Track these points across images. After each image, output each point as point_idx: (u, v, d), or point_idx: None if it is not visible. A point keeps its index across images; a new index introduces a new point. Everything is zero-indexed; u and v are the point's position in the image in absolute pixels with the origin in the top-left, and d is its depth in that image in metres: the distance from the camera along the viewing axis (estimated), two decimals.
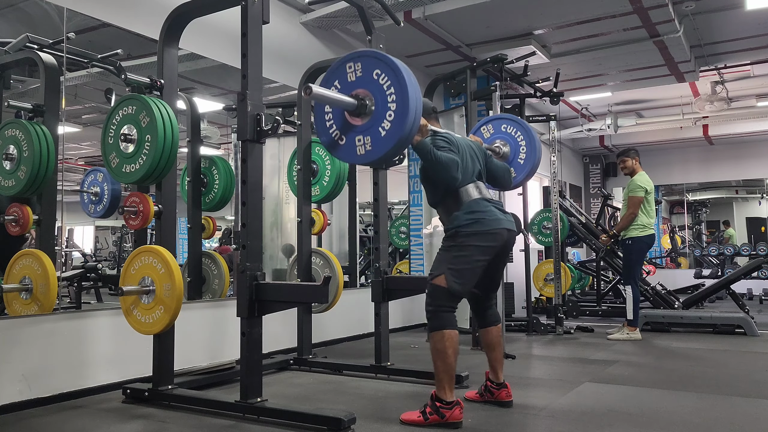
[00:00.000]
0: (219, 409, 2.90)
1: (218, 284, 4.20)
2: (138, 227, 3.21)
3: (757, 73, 8.27)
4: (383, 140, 2.46)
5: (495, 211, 2.86)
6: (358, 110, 2.50)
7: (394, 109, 2.43)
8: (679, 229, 13.29)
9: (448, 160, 2.74)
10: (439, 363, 2.69)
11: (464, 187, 2.87)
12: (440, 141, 2.85)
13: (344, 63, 2.58)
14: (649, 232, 5.40)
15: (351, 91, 2.53)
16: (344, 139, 2.57)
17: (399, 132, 2.42)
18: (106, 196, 4.02)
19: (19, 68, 3.73)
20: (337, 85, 2.58)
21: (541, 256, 7.62)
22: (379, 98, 2.47)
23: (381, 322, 3.77)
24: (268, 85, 5.09)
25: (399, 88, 2.42)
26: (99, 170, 4.05)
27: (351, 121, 2.55)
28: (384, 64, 2.47)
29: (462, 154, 2.88)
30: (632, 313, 5.34)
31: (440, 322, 2.72)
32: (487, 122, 3.78)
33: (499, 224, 2.84)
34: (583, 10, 5.72)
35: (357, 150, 2.53)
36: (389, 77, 2.45)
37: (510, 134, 3.65)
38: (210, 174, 4.21)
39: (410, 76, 2.45)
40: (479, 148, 3.15)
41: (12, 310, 3.29)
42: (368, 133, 2.50)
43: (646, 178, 5.52)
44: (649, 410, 2.93)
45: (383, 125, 2.45)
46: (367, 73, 2.51)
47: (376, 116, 2.47)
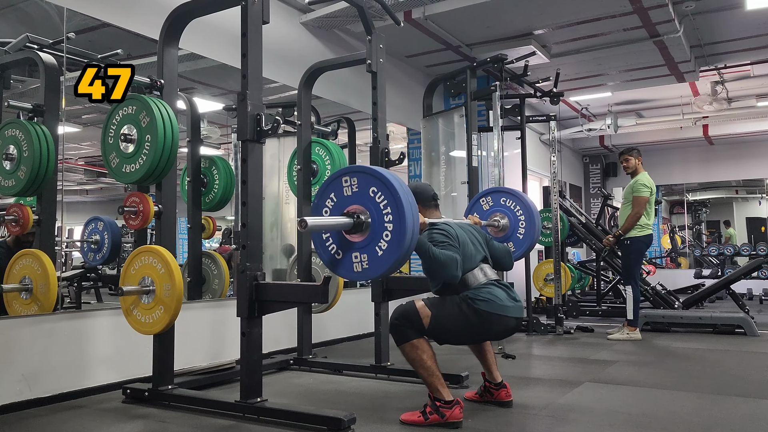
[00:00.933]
0: (219, 409, 2.90)
1: (218, 284, 4.20)
2: (138, 227, 3.21)
3: (757, 73, 8.27)
4: (380, 260, 2.41)
5: (505, 299, 2.78)
6: (355, 229, 2.46)
7: (390, 230, 2.37)
8: (679, 229, 13.29)
9: (447, 259, 2.66)
10: (421, 371, 2.69)
11: (470, 272, 2.81)
12: (437, 235, 2.77)
13: (340, 176, 2.53)
14: (648, 232, 5.40)
15: (346, 206, 2.49)
16: (341, 254, 2.54)
17: (396, 253, 2.37)
18: (106, 245, 4.03)
19: (19, 68, 3.73)
20: (333, 198, 2.54)
21: (541, 256, 7.62)
22: (376, 216, 2.42)
23: (381, 322, 3.77)
24: (268, 85, 5.09)
25: (395, 208, 2.36)
26: (100, 219, 4.07)
27: (349, 238, 2.50)
28: (380, 182, 2.41)
29: (463, 245, 2.82)
30: (632, 313, 5.34)
31: (405, 335, 2.70)
32: (485, 194, 3.84)
33: (507, 312, 2.76)
34: (583, 10, 5.72)
35: (354, 267, 2.50)
36: (385, 196, 2.39)
37: (509, 208, 3.69)
38: (210, 174, 4.21)
39: (407, 196, 2.39)
40: (480, 232, 3.08)
41: (12, 310, 3.29)
42: (365, 252, 2.46)
43: (650, 179, 5.51)
44: (649, 410, 2.93)
45: (380, 245, 2.41)
46: (363, 189, 2.46)
47: (373, 234, 2.43)
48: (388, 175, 2.43)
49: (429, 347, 2.72)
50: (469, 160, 5.45)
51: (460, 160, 5.91)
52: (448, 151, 6.13)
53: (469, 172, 5.45)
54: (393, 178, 2.42)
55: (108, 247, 4.02)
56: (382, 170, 2.46)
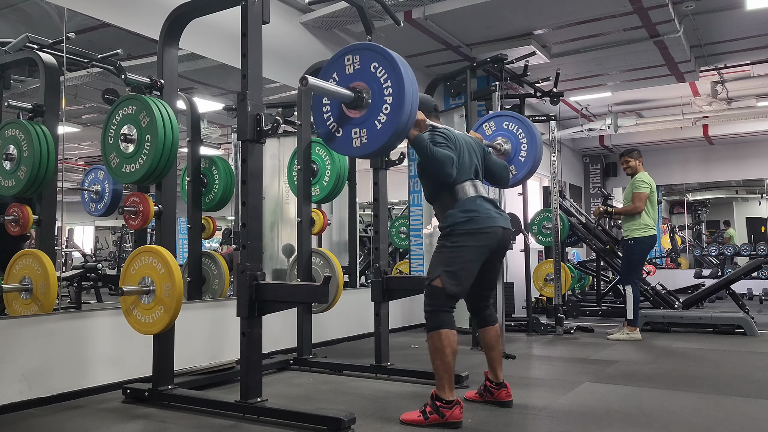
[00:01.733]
0: (219, 409, 2.90)
1: (218, 284, 4.20)
2: (138, 227, 3.21)
3: (757, 73, 8.27)
4: (379, 133, 2.46)
5: (490, 209, 2.86)
6: (355, 102, 2.50)
7: (390, 102, 2.43)
8: (679, 229, 13.29)
9: (444, 156, 2.74)
10: (438, 362, 2.69)
11: (461, 184, 2.87)
12: (438, 137, 2.85)
13: (342, 55, 2.59)
14: (651, 233, 5.40)
15: (349, 84, 2.54)
16: (341, 131, 2.58)
17: (394, 124, 2.42)
18: (107, 195, 4.03)
19: (19, 68, 3.73)
20: (335, 77, 2.59)
21: (541, 256, 7.63)
22: (376, 91, 2.47)
23: (381, 322, 3.77)
24: (268, 85, 5.09)
25: (396, 80, 2.42)
26: (100, 168, 4.06)
27: (348, 114, 2.55)
28: (381, 57, 2.47)
29: (459, 151, 2.88)
30: (632, 313, 5.34)
31: (438, 321, 2.72)
32: (489, 119, 3.77)
33: (493, 222, 2.83)
34: (583, 10, 5.72)
35: (353, 142, 2.54)
36: (386, 70, 2.45)
37: (512, 131, 3.65)
38: (210, 174, 4.21)
39: (407, 69, 2.45)
40: (478, 144, 3.14)
41: (12, 310, 3.29)
42: (364, 126, 2.50)
43: (650, 178, 5.52)
44: (649, 410, 2.93)
45: (379, 118, 2.46)
46: (364, 66, 2.51)
47: (373, 109, 2.48)
48: (390, 51, 2.48)
49: (456, 343, 2.72)
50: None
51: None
52: None
53: None
54: (395, 54, 2.46)
55: (109, 196, 4.01)
56: (384, 47, 2.51)
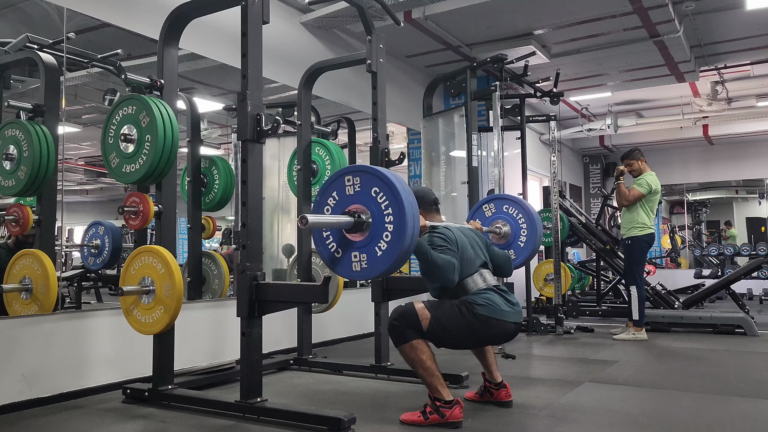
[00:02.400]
0: (219, 409, 2.90)
1: (218, 284, 4.20)
2: (138, 227, 3.21)
3: (757, 73, 8.27)
4: (379, 259, 2.42)
5: (504, 304, 2.78)
6: (355, 228, 2.47)
7: (391, 230, 2.38)
8: (679, 229, 13.29)
9: (445, 263, 2.68)
10: (420, 371, 2.69)
11: (469, 277, 2.81)
12: (437, 239, 2.78)
13: (343, 175, 2.54)
14: (649, 232, 5.39)
15: (348, 205, 2.49)
16: (341, 253, 2.54)
17: (395, 253, 2.38)
18: (107, 249, 4.04)
19: (19, 68, 3.73)
20: (335, 196, 2.54)
21: (541, 256, 7.62)
22: (377, 216, 2.42)
23: (381, 322, 3.77)
24: (268, 85, 5.09)
25: (397, 208, 2.37)
26: (101, 223, 4.07)
27: (349, 237, 2.50)
28: (382, 182, 2.42)
29: (461, 249, 2.83)
30: (637, 313, 5.32)
31: (404, 336, 2.69)
32: (488, 201, 3.85)
33: (506, 317, 2.76)
34: (583, 10, 5.72)
35: (353, 266, 2.50)
36: (387, 196, 2.40)
37: (511, 215, 3.71)
38: (210, 174, 4.21)
39: (408, 197, 2.40)
40: (480, 236, 3.08)
41: (12, 310, 3.29)
42: (364, 251, 2.46)
43: (655, 179, 5.44)
44: (649, 410, 2.93)
45: (379, 245, 2.42)
46: (365, 189, 2.47)
47: (373, 234, 2.43)
48: (390, 175, 2.44)
49: (428, 348, 2.72)
50: (469, 160, 5.44)
51: (460, 160, 5.91)
52: (448, 151, 6.13)
53: (469, 172, 5.44)
54: (395, 179, 2.42)
55: (108, 251, 4.03)
56: (384, 170, 2.46)
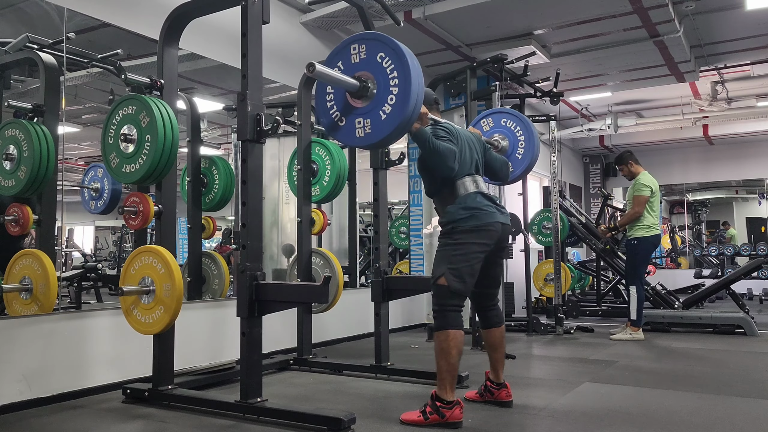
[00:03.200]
0: (219, 409, 2.90)
1: (218, 284, 4.20)
2: (138, 227, 3.21)
3: (757, 73, 8.26)
4: (383, 123, 2.45)
5: (490, 206, 2.87)
6: (360, 92, 2.49)
7: (395, 93, 2.41)
8: (679, 229, 13.29)
9: (446, 150, 2.74)
10: (443, 362, 2.69)
11: (461, 179, 2.87)
12: (440, 131, 2.86)
13: (349, 44, 2.57)
14: (655, 233, 5.39)
15: (354, 73, 2.52)
16: (344, 120, 2.56)
17: (399, 116, 2.41)
18: (107, 192, 4.03)
19: (19, 68, 3.73)
20: (340, 65, 2.57)
21: (541, 256, 7.63)
22: (382, 81, 2.45)
23: (381, 322, 3.77)
24: (268, 85, 5.09)
25: (402, 72, 2.41)
26: (99, 166, 4.06)
27: (352, 103, 2.53)
28: (388, 47, 2.46)
29: (461, 145, 2.89)
30: (636, 313, 5.32)
31: (445, 321, 2.73)
32: (487, 115, 3.79)
33: (493, 218, 2.84)
34: (583, 10, 5.72)
35: (356, 132, 2.52)
36: (393, 61, 2.43)
37: (509, 128, 3.66)
38: (210, 174, 4.21)
39: (414, 61, 2.44)
40: (478, 140, 3.15)
41: (12, 310, 3.29)
42: (368, 116, 2.49)
43: (651, 178, 5.49)
44: (649, 410, 2.93)
45: (384, 108, 2.44)
46: (370, 56, 2.49)
47: (378, 99, 2.46)
48: (397, 42, 2.46)
49: (462, 344, 2.74)
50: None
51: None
52: None
53: None
54: (402, 45, 2.45)
55: (108, 194, 4.03)
56: (391, 38, 2.49)
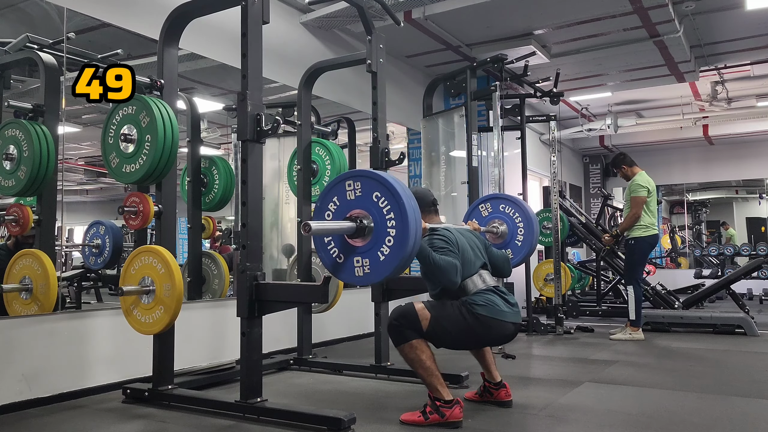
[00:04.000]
0: (219, 409, 2.90)
1: (218, 284, 4.20)
2: (138, 227, 3.21)
3: (757, 73, 8.26)
4: (382, 265, 2.42)
5: (503, 304, 2.80)
6: (357, 233, 2.46)
7: (393, 234, 2.38)
8: (679, 229, 13.29)
9: (447, 265, 2.68)
10: (420, 371, 2.70)
11: (470, 278, 2.82)
12: (437, 241, 2.79)
13: (344, 180, 2.53)
14: (653, 232, 5.39)
15: (349, 210, 2.48)
16: (343, 258, 2.53)
17: (398, 257, 2.37)
18: (108, 249, 4.02)
19: (19, 68, 3.73)
20: (336, 201, 2.53)
21: (541, 256, 7.62)
22: (379, 221, 2.42)
23: (381, 322, 3.77)
24: (268, 85, 5.09)
25: (399, 213, 2.37)
26: (101, 223, 4.06)
27: (351, 243, 2.50)
28: (383, 187, 2.41)
29: (462, 251, 2.83)
30: (635, 313, 5.33)
31: (404, 336, 2.70)
32: (485, 200, 3.85)
33: (504, 318, 2.77)
34: (583, 10, 5.72)
35: (356, 271, 2.50)
36: (388, 201, 2.40)
37: (508, 214, 3.72)
38: (210, 174, 4.21)
39: (410, 201, 2.40)
40: (479, 238, 3.09)
41: (12, 310, 3.29)
42: (367, 256, 2.46)
43: (647, 178, 5.51)
44: (649, 410, 2.93)
45: (382, 250, 2.41)
46: (366, 194, 2.46)
47: (376, 239, 2.43)
48: (391, 180, 2.43)
49: (428, 348, 2.72)
50: (469, 160, 5.45)
51: (460, 160, 5.91)
52: (448, 151, 6.14)
53: (469, 172, 5.45)
54: (396, 183, 2.42)
55: (109, 251, 4.03)
56: (386, 175, 2.46)
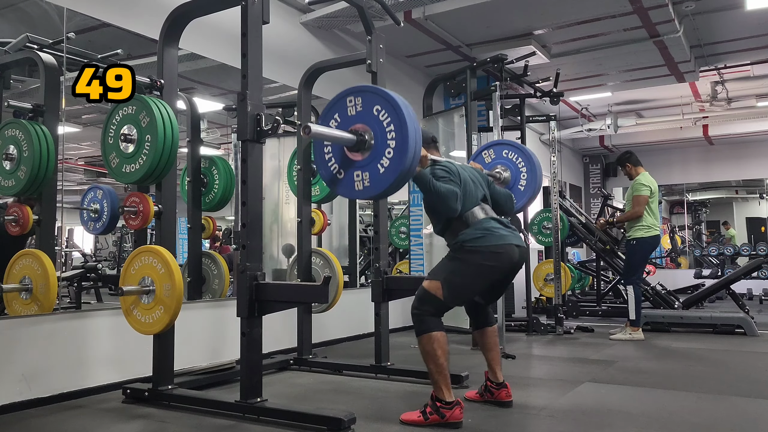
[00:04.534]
0: (219, 409, 2.90)
1: (218, 284, 4.20)
2: (138, 227, 3.21)
3: (757, 73, 8.27)
4: (382, 177, 2.45)
5: (501, 228, 2.83)
6: (357, 146, 2.48)
7: (393, 147, 2.41)
8: (679, 229, 13.29)
9: (448, 192, 2.72)
10: (431, 366, 2.69)
11: (470, 210, 2.84)
12: (439, 171, 2.83)
13: (345, 97, 2.56)
14: (654, 233, 5.39)
15: (350, 126, 2.51)
16: (343, 173, 2.56)
17: (397, 170, 2.40)
18: (106, 213, 4.01)
19: (19, 68, 3.73)
20: (336, 118, 2.56)
21: (541, 256, 7.62)
22: (379, 134, 2.45)
23: (381, 322, 3.77)
24: (268, 85, 5.09)
25: (399, 125, 2.40)
26: (99, 187, 4.04)
27: (350, 157, 2.53)
28: (384, 100, 2.45)
29: (463, 183, 2.86)
30: (634, 313, 5.33)
31: (426, 325, 2.71)
32: (488, 147, 3.81)
33: (504, 240, 2.80)
34: (583, 10, 5.72)
35: (356, 185, 2.52)
36: (389, 114, 2.43)
37: (511, 160, 3.68)
38: (210, 174, 4.21)
39: (410, 113, 2.43)
40: (481, 174, 3.13)
41: (12, 310, 3.29)
42: (367, 169, 2.49)
43: (650, 178, 5.50)
44: (649, 410, 2.93)
45: (382, 162, 2.44)
46: (367, 109, 2.49)
47: (376, 152, 2.46)
48: (393, 94, 2.46)
49: (446, 344, 2.72)
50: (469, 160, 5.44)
51: (460, 160, 5.90)
52: (448, 151, 6.13)
53: None
54: (398, 98, 2.45)
55: (108, 215, 4.01)
56: (386, 90, 2.49)
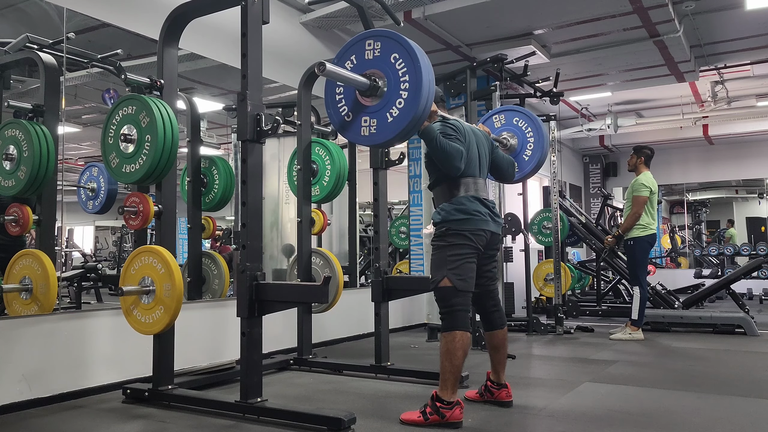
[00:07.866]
0: (219, 409, 2.90)
1: (218, 284, 4.20)
2: (138, 227, 3.21)
3: (757, 73, 8.26)
4: (388, 126, 2.44)
5: (484, 213, 2.86)
6: (370, 91, 2.48)
7: (404, 97, 2.40)
8: (679, 229, 13.29)
9: (453, 150, 2.73)
10: (447, 363, 2.69)
11: (464, 179, 2.86)
12: (448, 128, 2.83)
13: (364, 39, 2.54)
14: (650, 232, 5.40)
15: (366, 69, 2.50)
16: (351, 116, 2.55)
17: (404, 121, 2.39)
18: (103, 192, 4.02)
19: (19, 68, 3.73)
20: (353, 60, 2.55)
21: (541, 256, 7.62)
22: (392, 82, 2.44)
23: (381, 322, 3.77)
24: (268, 85, 5.09)
25: (414, 76, 2.39)
26: (96, 165, 4.06)
27: (361, 101, 2.52)
28: (403, 49, 2.43)
29: (468, 144, 2.87)
30: (637, 314, 5.33)
31: (454, 322, 2.73)
32: (499, 112, 3.77)
33: (485, 225, 2.85)
34: (583, 10, 5.72)
35: (362, 131, 2.51)
36: (406, 64, 2.41)
37: (520, 128, 3.65)
38: (210, 174, 4.21)
39: (426, 66, 2.42)
40: (487, 138, 3.13)
41: (12, 310, 3.29)
42: (375, 117, 2.48)
43: (651, 179, 5.50)
44: (649, 410, 2.93)
45: (391, 111, 2.43)
46: (384, 54, 2.47)
47: (386, 100, 2.45)
48: (412, 44, 2.44)
49: (468, 346, 2.75)
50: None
51: None
52: None
53: None
54: (417, 48, 2.43)
55: (105, 193, 4.02)
56: (407, 39, 2.47)
